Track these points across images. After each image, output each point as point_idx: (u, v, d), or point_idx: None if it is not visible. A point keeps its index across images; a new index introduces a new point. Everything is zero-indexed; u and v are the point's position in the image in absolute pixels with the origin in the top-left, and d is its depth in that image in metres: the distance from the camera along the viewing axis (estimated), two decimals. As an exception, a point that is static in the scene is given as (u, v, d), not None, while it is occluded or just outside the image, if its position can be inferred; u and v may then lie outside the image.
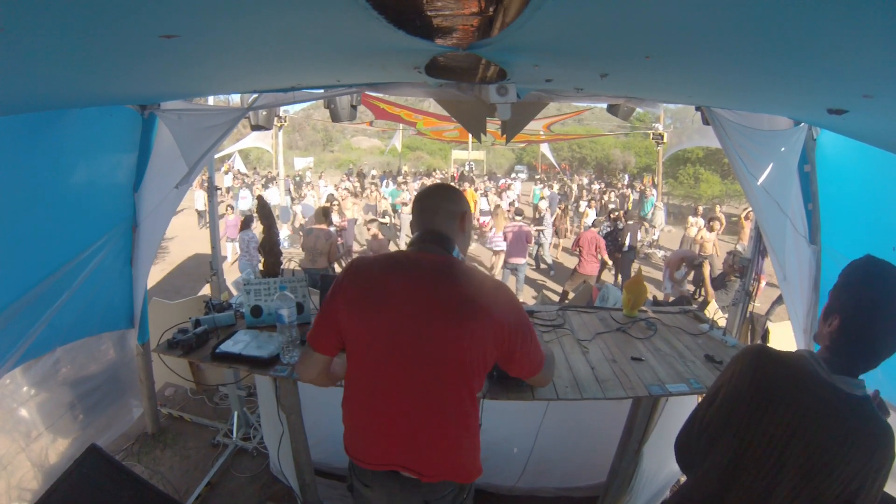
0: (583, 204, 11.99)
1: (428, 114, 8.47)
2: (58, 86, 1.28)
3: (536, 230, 8.46)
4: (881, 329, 0.94)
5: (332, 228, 5.84)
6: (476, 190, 12.60)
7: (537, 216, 10.45)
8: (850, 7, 0.57)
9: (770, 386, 1.01)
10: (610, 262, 7.05)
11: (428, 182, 13.91)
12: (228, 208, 9.15)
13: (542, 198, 11.98)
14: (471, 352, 1.09)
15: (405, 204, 10.51)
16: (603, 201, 13.77)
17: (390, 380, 1.12)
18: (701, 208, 10.18)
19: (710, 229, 7.67)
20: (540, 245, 8.77)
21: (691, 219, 9.08)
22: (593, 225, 7.14)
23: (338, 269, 5.54)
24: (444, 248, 1.17)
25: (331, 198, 9.36)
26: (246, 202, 12.04)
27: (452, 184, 10.68)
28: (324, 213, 5.60)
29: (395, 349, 1.10)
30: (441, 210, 1.21)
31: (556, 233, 9.66)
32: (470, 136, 9.61)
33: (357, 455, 1.21)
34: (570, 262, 8.30)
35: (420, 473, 1.15)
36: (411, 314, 1.09)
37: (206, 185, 10.02)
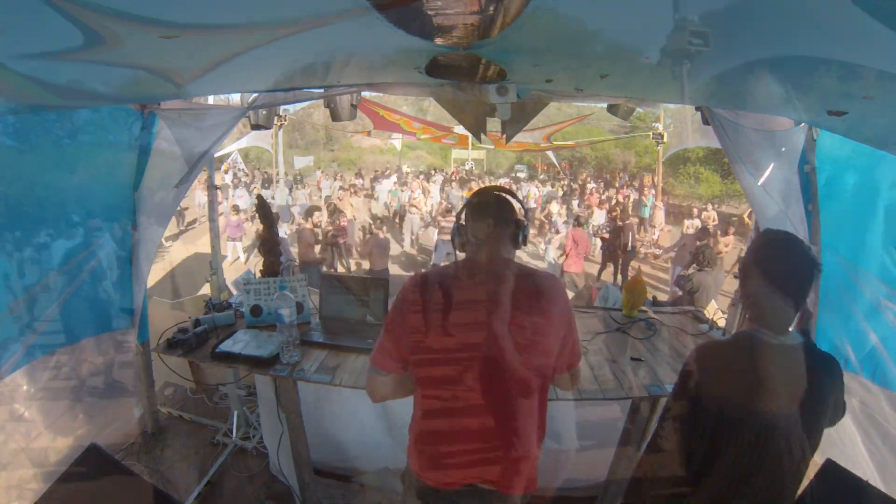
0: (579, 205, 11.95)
1: (427, 122, 8.30)
2: (59, 87, 1.28)
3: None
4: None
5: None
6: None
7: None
8: (850, 7, 0.57)
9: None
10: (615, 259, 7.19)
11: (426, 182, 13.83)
12: (233, 208, 9.08)
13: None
14: (544, 342, 1.13)
15: (413, 205, 10.42)
16: (605, 199, 13.75)
17: (468, 387, 1.11)
18: (695, 209, 10.16)
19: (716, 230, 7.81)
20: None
21: (687, 221, 9.10)
22: (578, 223, 7.06)
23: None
24: (503, 253, 1.20)
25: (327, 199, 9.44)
26: (242, 201, 11.98)
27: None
28: (307, 214, 6.78)
29: (472, 353, 1.10)
30: (500, 219, 1.21)
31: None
32: (470, 138, 9.54)
33: (433, 478, 1.17)
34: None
35: (498, 485, 1.16)
36: (484, 316, 1.10)
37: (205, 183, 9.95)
